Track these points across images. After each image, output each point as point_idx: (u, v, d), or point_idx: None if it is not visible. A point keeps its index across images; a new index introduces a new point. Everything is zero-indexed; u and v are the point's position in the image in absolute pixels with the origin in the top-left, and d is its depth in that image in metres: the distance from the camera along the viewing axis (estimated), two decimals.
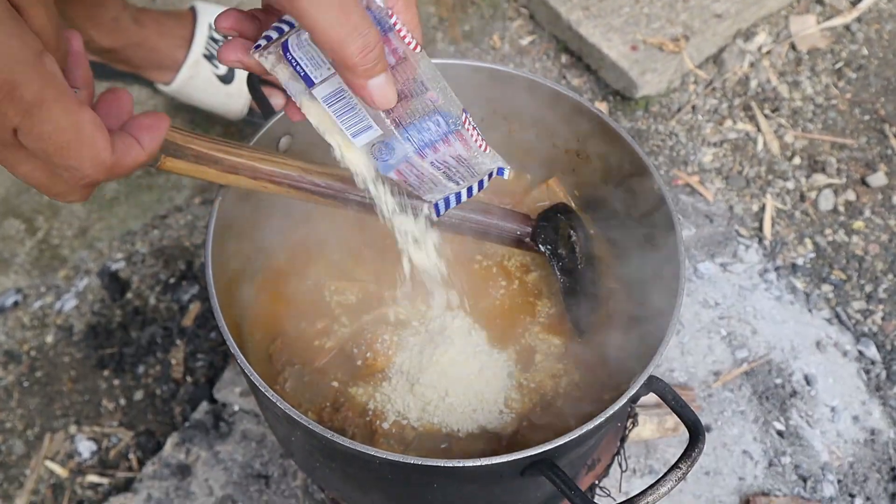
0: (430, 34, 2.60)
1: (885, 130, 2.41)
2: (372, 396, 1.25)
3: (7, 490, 1.93)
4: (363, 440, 1.20)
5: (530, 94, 1.35)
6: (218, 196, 1.21)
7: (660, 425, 1.84)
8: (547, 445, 0.99)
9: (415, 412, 1.23)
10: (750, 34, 2.56)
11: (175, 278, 2.20)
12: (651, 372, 1.07)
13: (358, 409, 1.24)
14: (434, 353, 1.25)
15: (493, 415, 1.24)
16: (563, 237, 1.34)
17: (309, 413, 1.23)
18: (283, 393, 1.24)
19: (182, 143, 1.07)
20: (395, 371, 1.26)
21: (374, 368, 1.27)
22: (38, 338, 2.11)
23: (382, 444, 1.21)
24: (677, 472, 1.01)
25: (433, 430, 1.23)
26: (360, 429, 1.22)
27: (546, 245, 1.34)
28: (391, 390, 1.26)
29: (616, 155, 1.31)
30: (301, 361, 1.29)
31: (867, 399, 2.00)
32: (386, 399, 1.25)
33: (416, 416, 1.23)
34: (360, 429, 1.22)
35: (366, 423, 1.23)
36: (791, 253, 2.21)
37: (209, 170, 1.11)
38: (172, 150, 1.06)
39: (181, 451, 1.89)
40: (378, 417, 1.23)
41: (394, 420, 1.23)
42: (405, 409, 1.24)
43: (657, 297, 1.25)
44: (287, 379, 1.26)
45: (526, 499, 1.22)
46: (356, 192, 1.19)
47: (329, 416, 1.23)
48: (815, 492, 1.86)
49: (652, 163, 1.24)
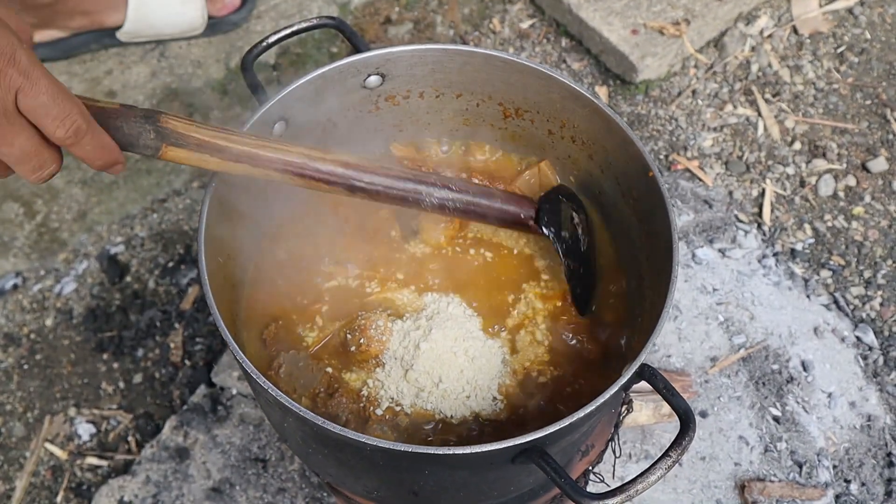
0: (429, 18, 2.59)
1: (887, 115, 2.39)
2: (365, 383, 1.26)
3: (7, 472, 1.94)
4: (357, 426, 1.21)
5: (524, 79, 1.34)
6: (212, 182, 1.21)
7: (656, 411, 1.84)
8: (537, 433, 0.99)
9: (408, 398, 1.24)
10: (751, 18, 2.54)
11: (174, 262, 2.20)
12: (643, 360, 1.07)
13: (352, 395, 1.24)
14: (428, 339, 1.25)
15: (486, 402, 1.24)
16: (565, 220, 1.34)
17: (303, 399, 1.23)
18: (277, 378, 1.24)
19: (183, 132, 1.07)
20: (389, 357, 1.27)
21: (368, 354, 1.27)
22: (38, 321, 2.12)
23: (376, 430, 1.21)
24: (667, 461, 1.01)
25: (427, 416, 1.23)
26: (354, 415, 1.23)
27: (550, 228, 1.33)
28: (385, 376, 1.26)
29: (610, 140, 1.30)
30: (295, 347, 1.29)
31: (864, 385, 2.00)
32: (379, 385, 1.25)
33: (409, 403, 1.24)
34: (354, 415, 1.23)
35: (359, 409, 1.23)
36: (790, 238, 2.21)
37: (211, 158, 1.11)
38: (173, 139, 1.06)
39: (179, 435, 1.90)
40: (372, 403, 1.24)
41: (387, 406, 1.23)
42: (398, 395, 1.24)
43: (652, 282, 1.25)
44: (282, 364, 1.26)
45: (518, 485, 1.22)
46: (361, 178, 1.19)
47: (323, 402, 1.23)
48: (810, 477, 1.87)
49: (645, 147, 1.24)
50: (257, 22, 2.54)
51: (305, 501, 1.82)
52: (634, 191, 1.30)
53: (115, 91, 2.41)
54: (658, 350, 1.99)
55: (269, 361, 1.28)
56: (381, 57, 1.33)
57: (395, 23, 2.56)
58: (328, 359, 1.29)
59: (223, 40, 2.50)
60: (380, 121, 1.43)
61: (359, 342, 1.26)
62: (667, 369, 1.97)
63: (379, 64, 1.34)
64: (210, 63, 2.46)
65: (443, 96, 1.42)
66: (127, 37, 2.37)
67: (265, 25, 2.53)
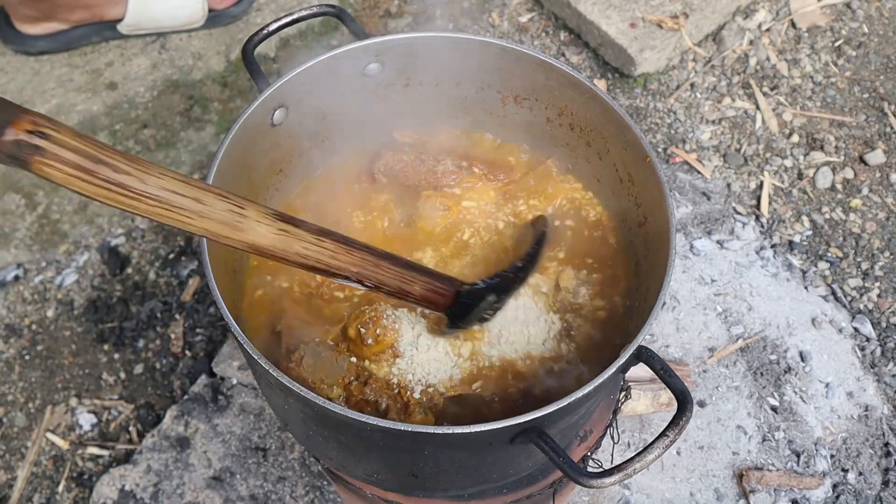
0: (429, 11, 2.60)
1: (885, 108, 2.40)
2: (390, 371, 1.25)
3: (9, 461, 1.95)
4: (398, 413, 1.21)
5: (522, 66, 1.35)
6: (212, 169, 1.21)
7: (654, 400, 1.85)
8: (534, 413, 1.00)
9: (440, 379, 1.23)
10: (750, 11, 2.55)
11: (174, 254, 2.21)
12: (640, 342, 1.07)
13: (383, 383, 1.24)
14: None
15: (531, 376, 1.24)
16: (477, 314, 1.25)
17: (334, 388, 1.22)
18: (300, 370, 1.22)
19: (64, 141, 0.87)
20: (405, 345, 1.26)
21: (385, 345, 1.27)
22: (39, 312, 2.13)
23: (418, 414, 1.21)
24: (665, 440, 1.02)
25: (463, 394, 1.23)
26: (393, 401, 1.22)
27: (456, 324, 1.24)
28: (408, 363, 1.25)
29: (608, 127, 1.31)
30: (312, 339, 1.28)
31: (861, 376, 2.01)
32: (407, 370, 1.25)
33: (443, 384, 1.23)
34: (393, 401, 1.22)
35: (395, 396, 1.23)
36: (788, 230, 2.22)
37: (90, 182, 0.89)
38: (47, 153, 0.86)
39: (180, 424, 1.91)
40: (405, 389, 1.23)
41: (422, 389, 1.23)
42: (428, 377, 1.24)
43: (650, 267, 1.26)
44: (303, 356, 1.25)
45: (516, 468, 1.23)
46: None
47: (358, 390, 1.22)
48: (808, 466, 1.88)
49: (642, 132, 1.25)
50: (257, 14, 2.55)
51: (305, 490, 1.83)
52: (632, 177, 1.31)
53: (116, 83, 2.41)
54: (657, 340, 2.00)
55: (286, 353, 1.27)
56: (381, 45, 1.34)
57: (394, 16, 2.57)
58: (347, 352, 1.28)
59: (223, 33, 2.51)
60: (379, 108, 1.44)
61: (375, 333, 1.26)
62: (665, 359, 1.97)
63: (378, 52, 1.35)
64: (210, 55, 2.47)
65: (442, 84, 1.43)
66: (128, 29, 2.38)
67: (265, 18, 2.54)
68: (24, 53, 2.44)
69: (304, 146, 1.41)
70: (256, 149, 1.30)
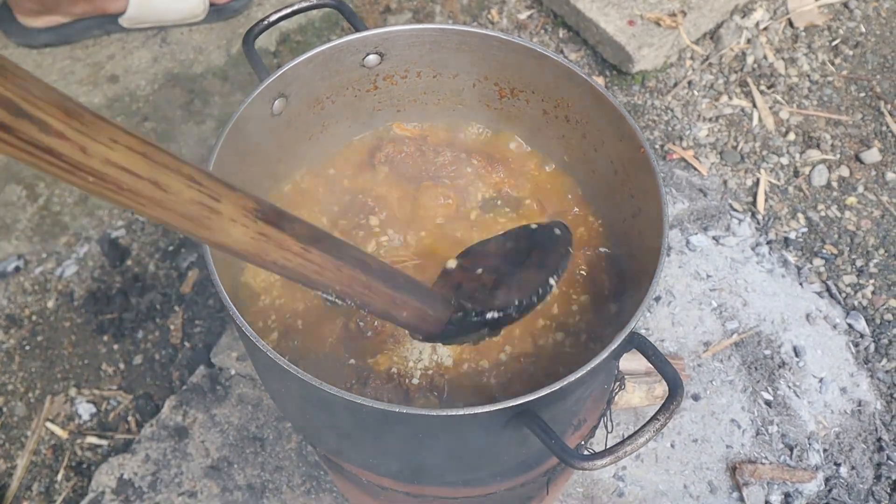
0: (428, 7, 2.61)
1: (881, 107, 2.42)
2: (391, 360, 1.27)
3: (9, 450, 1.97)
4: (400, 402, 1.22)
5: (519, 58, 1.36)
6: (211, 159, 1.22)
7: (648, 393, 1.86)
8: (527, 397, 1.01)
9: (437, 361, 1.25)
10: (747, 10, 2.57)
11: (174, 246, 2.23)
12: (633, 328, 1.09)
13: (383, 377, 1.25)
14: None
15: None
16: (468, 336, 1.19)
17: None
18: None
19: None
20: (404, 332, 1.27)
21: (385, 333, 1.28)
22: (39, 303, 2.15)
23: (420, 399, 1.22)
24: (655, 424, 1.03)
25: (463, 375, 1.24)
26: (392, 392, 1.23)
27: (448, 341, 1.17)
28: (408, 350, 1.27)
29: (603, 118, 1.32)
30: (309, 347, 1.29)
31: (855, 371, 2.02)
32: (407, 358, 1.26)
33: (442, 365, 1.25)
34: (392, 392, 1.23)
35: (395, 387, 1.24)
36: (784, 227, 2.23)
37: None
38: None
39: (178, 414, 1.92)
40: (405, 377, 1.24)
41: (420, 373, 1.24)
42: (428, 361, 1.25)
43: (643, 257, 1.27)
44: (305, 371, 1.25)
45: (510, 455, 1.24)
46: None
47: (359, 392, 1.23)
48: (801, 460, 1.89)
49: (638, 126, 1.26)
50: (258, 9, 2.57)
51: (302, 479, 1.84)
52: (627, 169, 1.33)
53: (118, 76, 2.43)
54: (652, 334, 2.02)
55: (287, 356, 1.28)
56: (380, 36, 1.36)
57: (394, 12, 2.58)
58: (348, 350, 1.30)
59: (224, 27, 2.53)
60: (378, 100, 1.46)
61: (374, 325, 1.27)
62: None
63: (377, 43, 1.36)
64: (211, 49, 2.49)
65: (440, 76, 1.44)
66: (129, 23, 2.40)
67: (266, 12, 2.56)
68: (27, 46, 2.45)
69: (304, 136, 1.42)
70: (256, 138, 1.31)
